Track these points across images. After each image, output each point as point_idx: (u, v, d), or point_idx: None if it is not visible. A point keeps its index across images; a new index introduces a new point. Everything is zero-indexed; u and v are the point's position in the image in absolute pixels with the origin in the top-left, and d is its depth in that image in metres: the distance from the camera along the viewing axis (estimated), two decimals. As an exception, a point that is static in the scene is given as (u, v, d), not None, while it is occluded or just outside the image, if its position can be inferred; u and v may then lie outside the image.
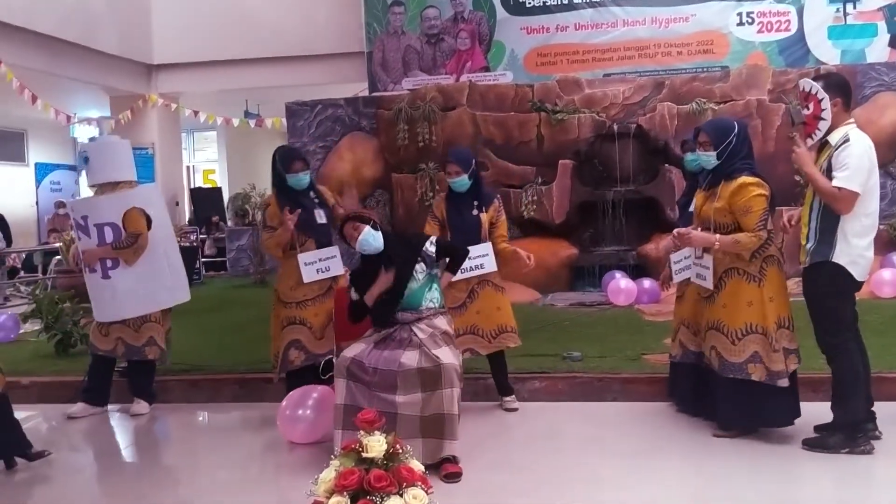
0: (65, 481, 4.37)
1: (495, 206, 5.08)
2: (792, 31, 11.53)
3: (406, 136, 10.27)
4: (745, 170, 4.25)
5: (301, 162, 4.97)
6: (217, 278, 13.24)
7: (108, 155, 5.52)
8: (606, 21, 11.88)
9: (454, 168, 4.97)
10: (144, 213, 5.39)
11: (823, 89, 4.04)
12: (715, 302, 4.35)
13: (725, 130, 4.32)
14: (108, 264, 5.33)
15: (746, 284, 4.25)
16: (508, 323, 5.06)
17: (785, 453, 4.16)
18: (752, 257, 4.24)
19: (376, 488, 2.40)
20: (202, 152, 19.24)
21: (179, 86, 14.06)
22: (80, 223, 5.36)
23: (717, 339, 4.34)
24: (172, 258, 5.63)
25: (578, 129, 9.84)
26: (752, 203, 4.16)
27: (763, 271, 4.24)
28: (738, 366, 4.25)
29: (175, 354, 6.52)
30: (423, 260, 4.22)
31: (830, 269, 4.03)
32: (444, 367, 3.94)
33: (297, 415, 4.53)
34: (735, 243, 4.18)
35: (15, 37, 10.55)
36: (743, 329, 4.24)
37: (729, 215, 4.23)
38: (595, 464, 4.17)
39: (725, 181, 4.26)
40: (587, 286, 9.40)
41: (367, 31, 12.63)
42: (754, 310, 4.23)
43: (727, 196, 4.22)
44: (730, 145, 4.26)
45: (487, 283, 4.99)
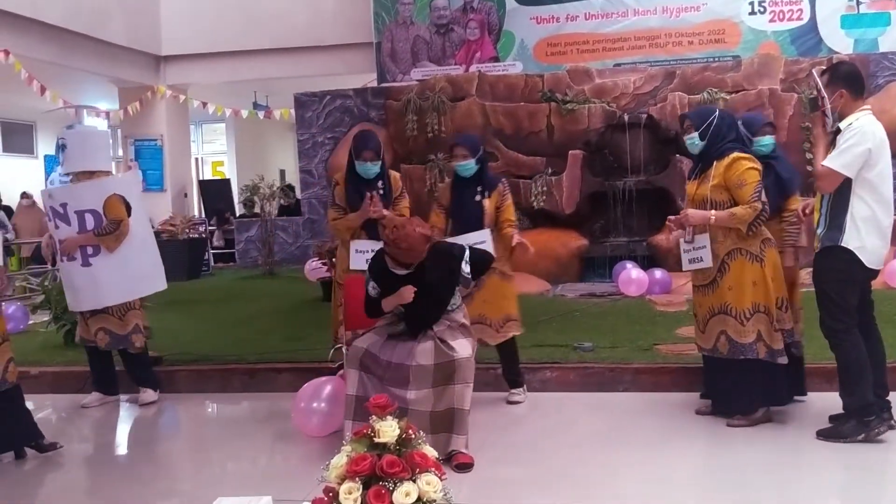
0: (72, 471, 4.36)
1: (499, 191, 4.98)
2: (804, 20, 11.43)
3: (415, 126, 10.23)
4: (737, 148, 4.38)
5: (371, 152, 4.76)
6: (226, 270, 13.24)
7: (85, 143, 5.44)
8: (617, 10, 11.80)
9: (461, 151, 4.93)
10: (124, 200, 5.29)
11: (828, 81, 4.07)
12: (719, 286, 4.39)
13: (706, 113, 4.49)
14: (89, 251, 5.23)
15: (750, 264, 4.33)
16: (513, 311, 5.01)
17: (799, 443, 4.11)
18: (752, 237, 4.31)
19: (389, 474, 2.36)
20: (211, 144, 19.22)
21: (188, 77, 14.04)
22: (59, 211, 5.23)
23: (726, 322, 4.37)
24: (149, 247, 5.57)
25: (589, 120, 9.77)
26: (745, 176, 4.27)
27: (763, 251, 4.34)
28: (748, 346, 4.31)
29: (184, 345, 6.55)
30: (461, 282, 4.13)
31: (839, 253, 4.02)
32: (458, 362, 3.90)
33: (311, 407, 4.45)
34: (731, 216, 4.26)
35: (23, 28, 10.54)
36: (751, 309, 4.31)
37: (724, 192, 4.32)
38: (607, 454, 4.13)
39: (717, 161, 4.35)
40: (597, 277, 9.35)
41: (376, 22, 12.58)
42: (759, 289, 4.32)
43: (721, 173, 4.32)
44: (711, 125, 4.37)
45: (494, 270, 4.84)
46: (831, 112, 4.06)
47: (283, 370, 5.77)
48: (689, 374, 5.16)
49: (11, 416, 4.33)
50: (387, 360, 3.98)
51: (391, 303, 4.04)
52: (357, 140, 4.86)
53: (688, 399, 4.91)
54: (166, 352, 6.24)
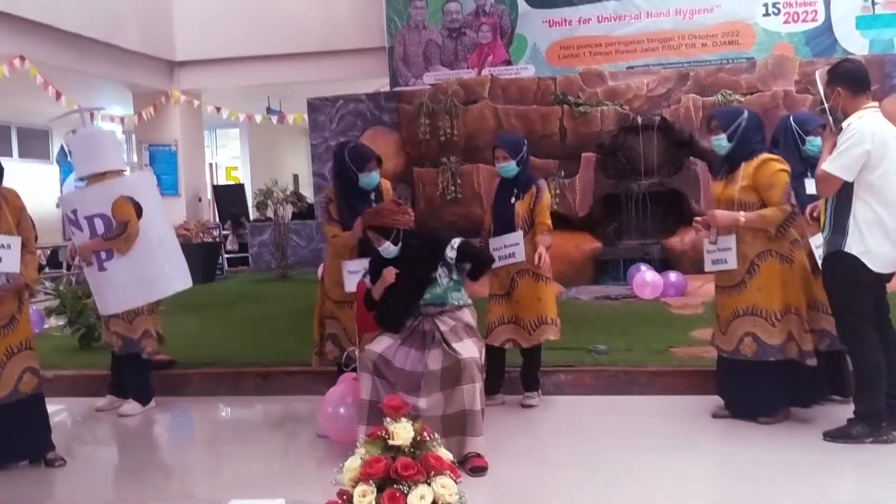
0: (86, 473, 4.37)
1: (531, 193, 4.87)
2: (819, 22, 11.37)
3: (427, 130, 10.22)
4: (764, 150, 4.35)
5: (374, 161, 4.68)
6: (239, 273, 13.27)
7: (91, 146, 5.33)
8: (630, 13, 11.77)
9: (501, 153, 4.88)
10: (133, 200, 5.18)
11: (828, 80, 4.03)
12: (748, 287, 4.34)
13: (735, 114, 4.46)
14: (103, 256, 5.18)
15: (780, 265, 4.30)
16: (548, 314, 4.90)
17: (813, 445, 4.07)
18: (781, 238, 4.27)
19: (404, 476, 2.35)
20: (224, 149, 19.30)
21: (202, 82, 14.10)
22: (71, 217, 5.21)
23: (755, 323, 4.31)
24: (168, 245, 5.48)
25: (602, 122, 9.74)
26: (775, 178, 4.24)
27: (792, 252, 4.32)
28: (777, 347, 4.28)
29: (198, 347, 6.57)
30: (445, 265, 4.13)
31: (843, 259, 3.95)
32: (463, 362, 3.87)
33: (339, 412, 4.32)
34: (760, 217, 4.22)
35: (39, 34, 10.61)
36: (781, 310, 4.28)
37: (753, 193, 4.28)
38: (622, 458, 4.10)
39: (746, 162, 4.32)
40: (611, 279, 9.31)
41: (389, 26, 12.60)
42: (789, 290, 4.29)
43: (750, 174, 4.28)
44: (739, 127, 4.35)
45: (526, 272, 4.84)
46: (833, 111, 4.00)
47: (296, 373, 5.77)
48: (705, 377, 5.12)
49: (26, 427, 4.30)
50: (400, 366, 3.97)
51: (378, 288, 4.12)
52: (356, 154, 4.69)
53: (703, 402, 4.87)
54: (180, 355, 6.25)
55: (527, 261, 4.83)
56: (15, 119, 15.48)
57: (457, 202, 9.68)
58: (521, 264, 4.83)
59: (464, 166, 9.83)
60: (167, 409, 5.56)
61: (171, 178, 13.92)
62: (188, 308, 8.37)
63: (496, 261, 4.72)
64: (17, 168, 15.36)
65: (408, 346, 4.05)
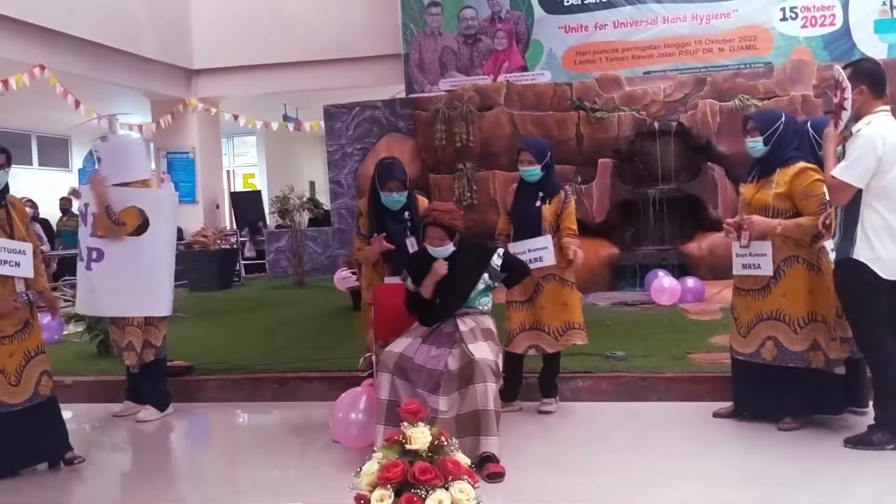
0: (103, 478, 4.39)
1: (559, 198, 4.85)
2: (837, 26, 11.27)
3: (443, 136, 10.22)
4: (801, 158, 4.28)
5: (397, 182, 4.55)
6: (256, 280, 13.32)
7: (120, 154, 5.30)
8: (646, 18, 11.72)
9: (526, 156, 4.84)
10: (143, 215, 5.14)
11: (850, 76, 3.93)
12: (773, 292, 4.31)
13: (773, 118, 4.38)
14: (93, 255, 5.14)
15: (807, 272, 4.26)
16: (575, 319, 4.88)
17: (834, 451, 4.02)
18: (810, 245, 4.24)
19: (421, 481, 2.34)
20: (242, 156, 19.40)
21: (219, 90, 14.19)
22: (83, 210, 5.28)
23: (778, 328, 4.29)
24: (161, 272, 5.31)
25: (618, 128, 9.71)
26: (812, 187, 4.19)
27: (821, 260, 4.27)
28: (799, 354, 4.25)
29: (215, 353, 6.59)
30: (489, 271, 4.20)
31: (852, 266, 3.90)
32: (476, 363, 3.87)
33: (349, 418, 4.33)
34: (797, 227, 4.19)
35: (58, 42, 10.71)
36: (806, 317, 4.24)
37: (788, 200, 4.24)
38: (641, 464, 4.07)
39: (781, 168, 4.27)
40: (628, 285, 9.27)
41: (404, 33, 12.63)
42: (816, 298, 4.24)
43: (787, 181, 4.24)
44: (776, 132, 4.29)
45: (553, 277, 4.81)
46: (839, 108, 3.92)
47: (314, 379, 5.77)
48: (724, 383, 5.06)
49: (45, 429, 4.34)
50: (421, 364, 3.98)
51: (428, 283, 4.15)
52: (381, 169, 4.63)
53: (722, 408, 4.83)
54: (198, 361, 6.28)
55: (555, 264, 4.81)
56: (35, 127, 15.62)
57: (473, 208, 9.66)
58: (547, 269, 4.79)
59: (479, 172, 9.82)
60: (185, 415, 5.57)
61: (189, 186, 14.00)
62: (206, 314, 8.41)
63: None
64: (37, 176, 15.53)
65: (429, 345, 4.06)
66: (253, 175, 19.20)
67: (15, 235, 4.23)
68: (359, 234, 4.76)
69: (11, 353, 4.20)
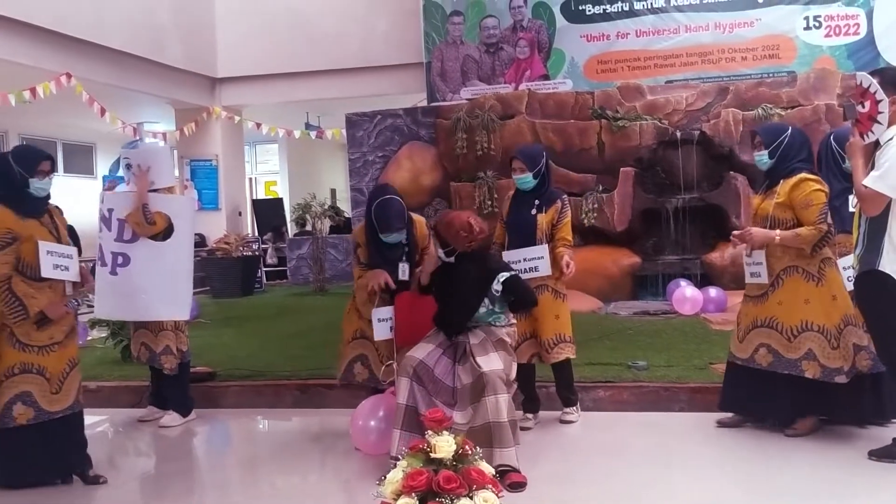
0: (124, 484, 4.40)
1: (556, 207, 4.80)
2: (861, 35, 11.19)
3: (465, 144, 10.24)
4: (804, 169, 4.37)
5: (399, 221, 4.42)
6: (278, 287, 13.39)
7: (150, 162, 5.32)
8: (668, 27, 11.69)
9: (518, 164, 4.82)
10: (169, 220, 5.19)
11: (881, 85, 3.80)
12: (769, 299, 4.41)
13: (778, 131, 4.50)
14: (119, 260, 5.18)
15: (805, 282, 4.32)
16: (566, 332, 4.84)
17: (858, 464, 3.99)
18: (811, 256, 4.29)
19: (446, 490, 2.34)
20: (264, 164, 19.53)
21: (242, 98, 14.29)
22: (105, 215, 5.24)
23: (770, 335, 4.38)
24: (180, 274, 5.36)
25: (640, 136, 9.67)
26: (811, 197, 4.26)
27: (822, 271, 4.32)
28: (792, 362, 4.32)
29: (237, 360, 6.63)
30: (488, 296, 4.09)
31: (877, 279, 3.83)
32: (485, 375, 3.85)
33: (369, 426, 4.34)
34: (796, 236, 4.26)
35: (85, 51, 10.84)
36: (799, 326, 4.30)
37: (788, 210, 4.32)
38: (663, 475, 4.06)
39: (784, 179, 4.36)
40: (650, 295, 9.22)
41: (426, 42, 12.67)
42: (812, 308, 4.29)
43: (787, 192, 4.32)
44: (781, 145, 4.39)
45: (546, 287, 4.75)
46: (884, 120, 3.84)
47: (334, 386, 5.77)
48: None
49: (74, 441, 4.32)
50: (439, 377, 3.99)
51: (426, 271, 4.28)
52: (378, 212, 4.44)
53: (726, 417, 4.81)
54: (220, 367, 6.32)
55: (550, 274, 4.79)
56: (60, 135, 15.80)
57: (493, 216, 9.61)
58: (540, 279, 4.73)
59: (500, 181, 9.82)
60: (206, 421, 5.61)
61: (212, 193, 14.11)
62: (228, 321, 8.46)
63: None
64: (62, 183, 15.68)
65: (447, 357, 4.06)
66: (275, 182, 19.32)
67: (61, 240, 4.26)
68: (358, 262, 4.63)
69: (61, 359, 4.21)
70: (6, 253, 4.01)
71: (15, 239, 4.04)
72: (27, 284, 4.05)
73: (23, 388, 4.05)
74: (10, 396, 4.03)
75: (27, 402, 4.05)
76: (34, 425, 4.09)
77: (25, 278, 4.06)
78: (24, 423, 4.06)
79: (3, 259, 4.01)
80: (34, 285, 4.08)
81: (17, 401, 4.03)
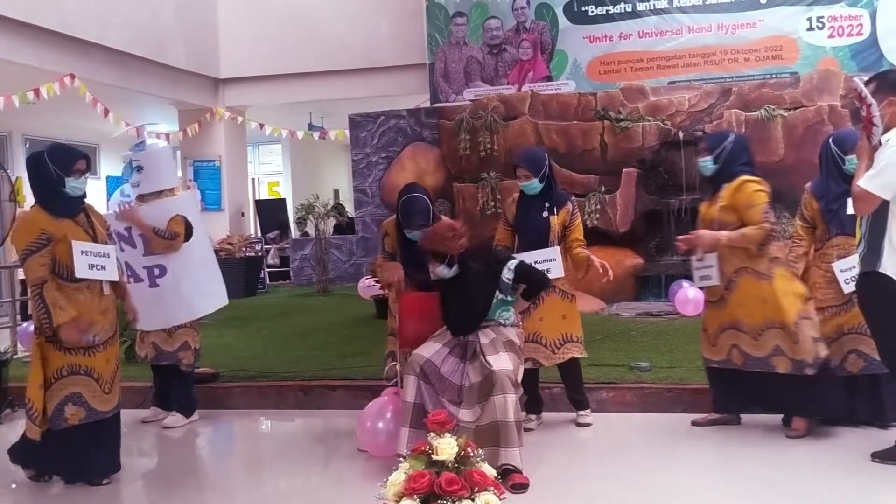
0: (127, 485, 4.41)
1: (567, 209, 4.85)
2: (865, 36, 11.16)
3: (468, 145, 10.25)
4: (745, 172, 4.55)
5: (422, 219, 4.49)
6: (281, 287, 13.40)
7: (159, 163, 5.43)
8: (671, 28, 11.67)
9: (523, 172, 4.84)
10: (186, 220, 5.29)
11: (876, 88, 3.88)
12: (728, 304, 4.57)
13: (721, 138, 4.71)
14: (156, 272, 5.24)
15: (757, 282, 4.47)
16: (574, 332, 4.86)
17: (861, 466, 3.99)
18: (759, 256, 4.45)
19: (448, 492, 2.35)
20: (267, 164, 19.53)
21: (245, 99, 14.30)
22: (124, 234, 5.21)
23: (739, 337, 4.52)
24: (209, 264, 5.59)
25: (643, 137, 9.68)
26: (753, 198, 4.45)
27: (771, 269, 4.48)
28: (762, 360, 4.45)
29: (240, 361, 6.64)
30: (500, 287, 4.11)
31: (878, 280, 3.84)
32: (495, 374, 3.86)
33: (378, 427, 4.35)
34: (742, 236, 4.42)
35: (89, 52, 10.86)
36: (762, 325, 4.43)
37: (733, 213, 4.48)
38: (666, 476, 4.06)
39: (727, 184, 4.54)
40: (653, 296, 9.23)
41: (429, 43, 12.67)
42: (770, 307, 4.42)
43: (729, 195, 4.50)
44: (724, 150, 4.57)
45: (554, 288, 4.75)
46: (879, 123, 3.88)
47: (338, 387, 5.81)
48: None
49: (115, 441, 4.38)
50: (446, 375, 4.00)
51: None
52: (404, 208, 4.58)
53: (748, 421, 4.81)
54: (223, 368, 6.33)
55: (564, 276, 4.81)
56: (64, 136, 15.80)
57: (496, 217, 9.60)
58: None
59: (504, 181, 9.82)
60: (209, 422, 5.62)
61: (215, 194, 14.11)
62: (231, 321, 8.47)
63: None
64: (66, 183, 15.75)
65: (454, 357, 4.06)
66: (278, 183, 19.32)
67: (98, 239, 4.28)
68: (383, 250, 4.76)
69: (108, 359, 4.24)
70: (42, 255, 4.00)
71: (49, 240, 4.03)
72: (59, 290, 4.02)
73: (72, 389, 4.09)
74: (60, 398, 4.06)
75: (77, 403, 4.10)
76: (87, 425, 4.12)
77: (61, 280, 4.05)
78: (77, 423, 4.10)
79: (39, 262, 3.99)
80: (69, 287, 4.07)
81: (68, 402, 4.07)
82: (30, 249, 3.99)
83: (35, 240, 4.00)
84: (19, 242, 4.04)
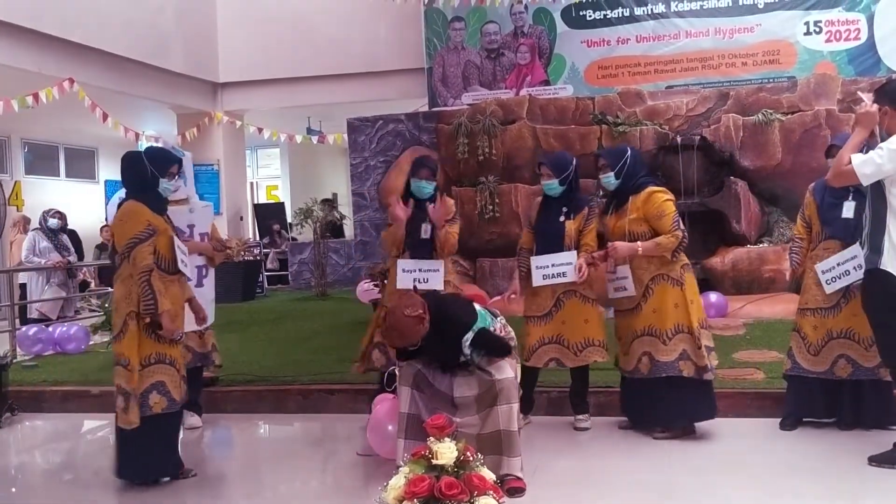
0: (127, 489, 4.40)
1: (583, 214, 4.91)
2: (862, 40, 11.21)
3: (466, 150, 10.25)
4: (651, 183, 4.69)
5: (427, 170, 5.00)
6: (279, 291, 13.41)
7: (188, 172, 5.62)
8: (669, 32, 11.72)
9: (545, 171, 4.94)
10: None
11: (874, 99, 3.97)
12: (643, 310, 4.66)
13: (620, 153, 4.80)
14: (203, 272, 5.39)
15: (671, 288, 4.59)
16: (595, 336, 4.92)
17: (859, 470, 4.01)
18: (673, 263, 4.58)
19: (447, 496, 2.37)
20: (265, 168, 19.57)
21: (244, 103, 14.33)
22: (186, 231, 5.26)
23: (651, 343, 4.61)
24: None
25: (641, 141, 9.68)
26: (663, 207, 4.57)
27: (682, 276, 4.62)
28: (670, 364, 4.55)
29: (239, 365, 6.64)
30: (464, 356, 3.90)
31: (880, 278, 3.90)
32: (500, 384, 3.85)
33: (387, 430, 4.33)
34: (656, 245, 4.54)
35: (88, 57, 10.89)
36: (672, 329, 4.55)
37: (644, 224, 4.59)
38: (664, 481, 4.07)
39: (633, 196, 4.63)
40: (651, 300, 9.22)
41: (428, 47, 12.71)
42: (680, 311, 4.57)
43: (639, 206, 4.60)
44: (625, 165, 4.67)
45: (574, 293, 4.86)
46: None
47: (337, 391, 5.82)
48: (748, 399, 5.08)
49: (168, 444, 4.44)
50: (436, 385, 3.98)
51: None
52: (416, 160, 5.12)
53: (746, 424, 4.83)
54: (222, 372, 6.33)
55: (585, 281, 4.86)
56: (63, 140, 15.84)
57: (495, 221, 9.69)
58: (567, 284, 4.84)
59: (502, 185, 9.84)
60: (209, 426, 5.63)
61: (214, 198, 14.10)
62: (230, 325, 8.47)
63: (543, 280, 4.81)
64: (64, 187, 15.73)
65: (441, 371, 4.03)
66: (276, 187, 19.35)
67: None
68: (388, 225, 5.10)
69: (181, 351, 4.46)
70: (149, 244, 4.15)
71: (154, 232, 4.18)
72: (161, 280, 4.16)
73: (158, 377, 4.22)
74: (147, 385, 4.18)
75: (161, 392, 4.22)
76: (153, 419, 4.19)
77: (160, 271, 4.20)
78: (160, 412, 4.20)
79: (147, 250, 4.13)
80: (167, 279, 4.22)
81: (153, 390, 4.19)
82: (138, 238, 4.13)
83: (143, 230, 4.16)
84: (127, 231, 4.17)
